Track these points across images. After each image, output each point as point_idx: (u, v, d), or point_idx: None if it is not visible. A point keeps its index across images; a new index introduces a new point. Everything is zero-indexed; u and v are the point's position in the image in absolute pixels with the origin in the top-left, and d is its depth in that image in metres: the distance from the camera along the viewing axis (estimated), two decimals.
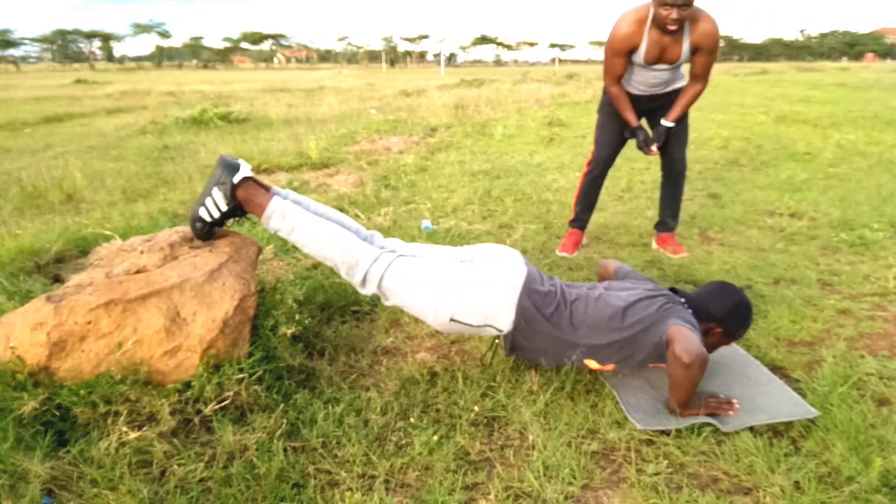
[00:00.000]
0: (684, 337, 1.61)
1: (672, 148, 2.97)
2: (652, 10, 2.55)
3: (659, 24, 2.56)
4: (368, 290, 1.83)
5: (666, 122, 2.85)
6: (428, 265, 1.82)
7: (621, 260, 3.00)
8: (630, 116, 2.84)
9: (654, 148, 2.84)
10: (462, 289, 1.77)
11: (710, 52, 2.66)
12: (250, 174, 1.83)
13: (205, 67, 77.27)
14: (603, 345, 1.77)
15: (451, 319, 1.77)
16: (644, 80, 2.81)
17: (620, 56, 2.70)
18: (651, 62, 2.70)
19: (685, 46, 2.64)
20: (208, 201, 1.81)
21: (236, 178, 1.79)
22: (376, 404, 1.75)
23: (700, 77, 2.76)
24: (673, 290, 1.91)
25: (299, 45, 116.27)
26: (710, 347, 1.85)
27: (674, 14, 2.46)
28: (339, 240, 1.82)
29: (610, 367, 1.82)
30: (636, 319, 1.75)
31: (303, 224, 1.82)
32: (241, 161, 1.83)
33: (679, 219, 3.21)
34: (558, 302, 1.79)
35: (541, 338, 1.79)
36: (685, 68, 2.85)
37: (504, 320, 1.77)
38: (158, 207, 3.86)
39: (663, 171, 3.10)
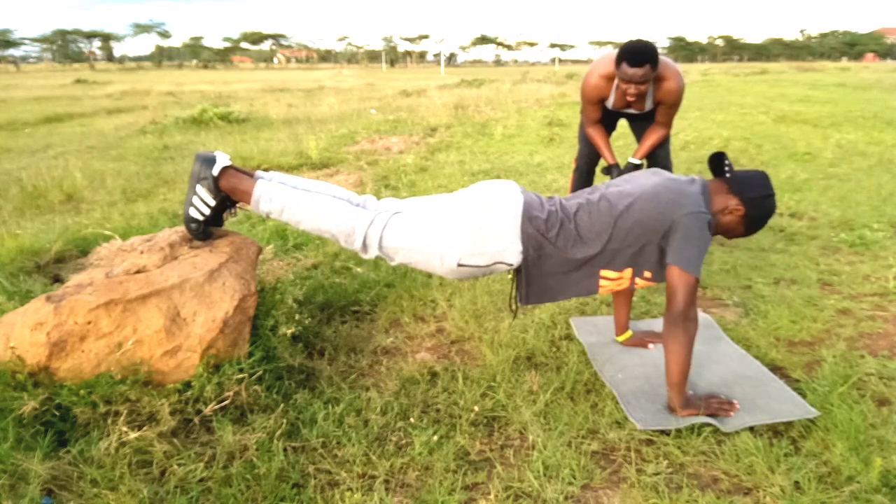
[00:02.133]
0: (686, 288, 1.61)
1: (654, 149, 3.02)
2: None
3: (622, 92, 2.66)
4: (371, 254, 1.78)
5: (633, 160, 2.97)
6: (425, 216, 1.78)
7: None
8: (607, 154, 2.97)
9: None
10: (463, 232, 1.72)
11: (672, 105, 2.80)
12: (229, 163, 1.80)
13: (205, 67, 77.26)
14: (615, 248, 1.71)
15: (459, 265, 1.72)
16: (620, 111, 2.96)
17: (593, 104, 2.87)
18: (620, 108, 2.86)
19: (649, 102, 2.77)
20: (195, 200, 1.79)
21: (215, 170, 1.76)
22: (376, 404, 1.75)
23: (664, 124, 2.90)
24: (721, 155, 1.83)
25: (299, 45, 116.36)
26: (722, 227, 1.79)
27: (632, 90, 2.57)
28: (332, 210, 1.78)
29: (626, 275, 1.75)
30: (641, 216, 1.69)
31: (292, 202, 1.78)
32: (216, 153, 1.80)
33: None
34: (561, 220, 1.73)
35: (552, 263, 1.74)
36: None
37: (512, 254, 1.71)
38: (158, 207, 3.86)
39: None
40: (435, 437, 1.59)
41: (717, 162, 1.83)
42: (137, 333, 1.62)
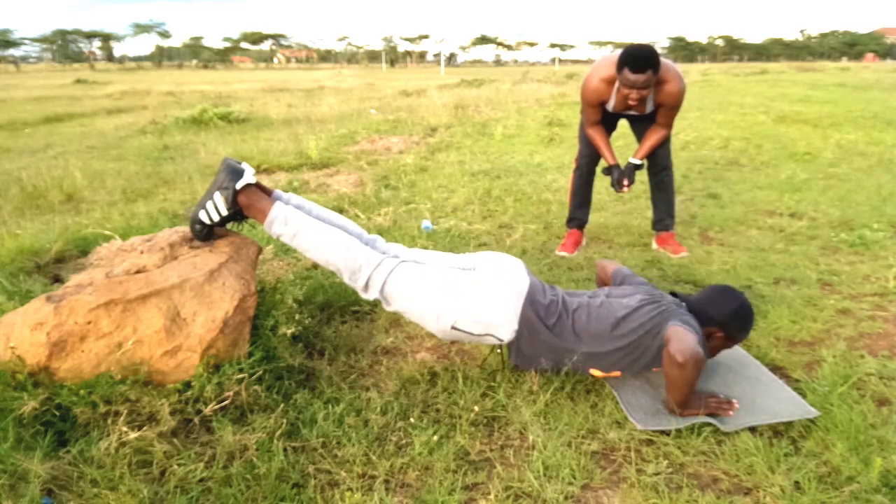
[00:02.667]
0: (679, 336, 1.62)
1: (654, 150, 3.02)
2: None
3: (623, 96, 2.66)
4: (371, 295, 1.83)
5: (633, 160, 2.97)
6: (431, 272, 1.83)
7: (621, 260, 3.00)
8: (607, 155, 2.97)
9: (626, 185, 2.94)
10: (464, 297, 1.77)
11: (672, 107, 2.80)
12: (254, 180, 1.83)
13: (205, 67, 77.27)
14: (606, 352, 1.78)
15: (453, 327, 1.78)
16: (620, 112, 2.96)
17: (593, 107, 2.87)
18: (620, 110, 2.86)
19: (649, 104, 2.76)
20: (209, 205, 1.81)
21: (239, 185, 1.79)
22: (376, 404, 1.75)
23: (665, 126, 2.90)
24: (673, 293, 1.91)
25: (299, 45, 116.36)
26: (713, 351, 1.86)
27: (634, 94, 2.58)
28: (342, 245, 1.82)
29: (616, 373, 1.83)
30: (638, 324, 1.76)
31: (305, 229, 1.82)
32: (245, 166, 1.83)
33: (675, 217, 3.22)
34: (560, 312, 1.80)
35: (543, 346, 1.80)
36: None
37: (505, 330, 1.78)
38: (158, 207, 3.86)
39: (649, 171, 3.13)
40: (435, 437, 1.59)
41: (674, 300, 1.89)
42: (137, 333, 1.62)
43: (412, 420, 1.69)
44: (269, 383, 1.76)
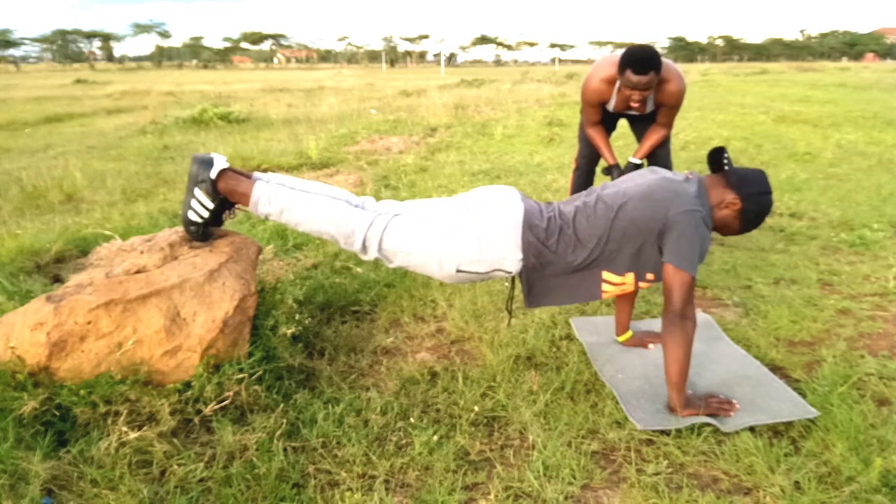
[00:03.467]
0: (684, 286, 1.61)
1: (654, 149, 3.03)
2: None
3: (625, 97, 2.65)
4: (370, 255, 1.79)
5: (634, 160, 2.97)
6: (425, 220, 1.78)
7: None
8: (607, 155, 2.97)
9: None
10: (463, 238, 1.72)
11: (673, 107, 2.79)
12: (227, 165, 1.80)
13: (205, 67, 77.27)
14: (613, 250, 1.71)
15: (458, 270, 1.74)
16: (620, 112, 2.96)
17: (593, 107, 2.86)
18: (621, 110, 2.86)
19: (650, 104, 2.76)
20: (193, 203, 1.79)
21: (213, 173, 1.76)
22: (376, 404, 1.75)
23: (665, 125, 2.89)
24: (720, 150, 1.81)
25: (299, 45, 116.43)
26: (719, 222, 1.78)
27: (636, 96, 2.57)
28: (331, 212, 1.78)
29: (629, 280, 1.75)
30: (637, 215, 1.69)
31: (291, 204, 1.78)
32: (213, 154, 1.79)
33: None
34: (560, 226, 1.74)
35: (553, 269, 1.75)
36: None
37: (511, 262, 1.73)
38: (158, 207, 3.86)
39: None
40: (435, 437, 1.59)
41: (717, 157, 1.82)
42: (137, 333, 1.62)
43: (412, 420, 1.69)
44: (269, 383, 1.75)
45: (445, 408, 1.76)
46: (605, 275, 1.75)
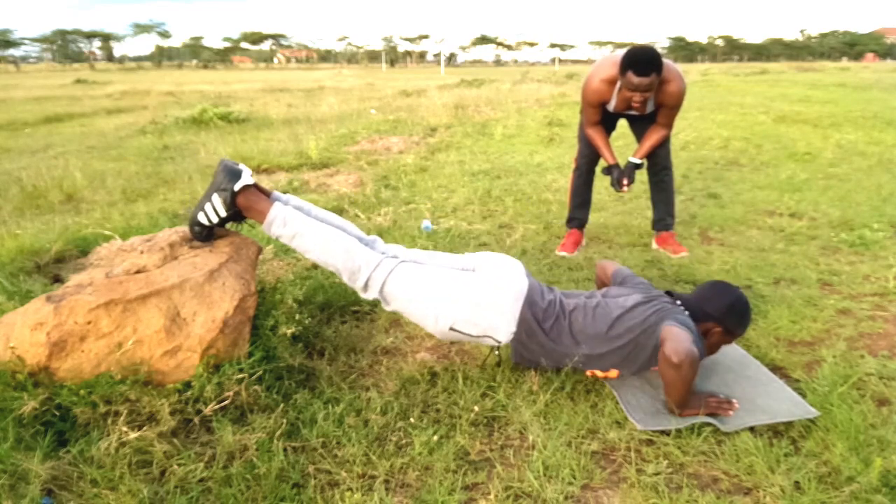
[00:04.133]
0: (674, 336, 1.62)
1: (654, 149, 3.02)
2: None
3: (625, 98, 2.65)
4: (370, 295, 1.84)
5: (633, 160, 2.97)
6: (430, 273, 1.83)
7: (621, 260, 3.00)
8: (607, 155, 2.97)
9: (625, 185, 2.94)
10: (463, 299, 1.78)
11: (673, 107, 2.79)
12: (252, 181, 1.83)
13: (205, 67, 77.28)
14: (603, 353, 1.79)
15: (451, 328, 1.79)
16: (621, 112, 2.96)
17: (593, 107, 2.87)
18: (621, 111, 2.86)
19: (650, 104, 2.76)
20: (208, 206, 1.81)
21: (237, 186, 1.78)
22: (376, 404, 1.75)
23: (665, 125, 2.89)
24: (668, 293, 1.91)
25: (299, 45, 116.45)
26: (713, 348, 1.86)
27: (637, 97, 2.57)
28: (341, 246, 1.82)
29: (614, 373, 1.84)
30: (633, 324, 1.76)
31: (304, 230, 1.82)
32: (242, 167, 1.82)
33: (675, 217, 3.22)
34: (557, 314, 1.80)
35: (540, 349, 1.81)
36: None
37: (503, 332, 1.79)
38: (158, 207, 3.86)
39: (649, 171, 3.14)
40: (435, 437, 1.59)
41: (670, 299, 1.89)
42: (137, 333, 1.62)
43: (412, 420, 1.69)
44: (269, 383, 1.75)
45: (445, 408, 1.76)
46: (592, 371, 1.85)
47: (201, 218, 1.82)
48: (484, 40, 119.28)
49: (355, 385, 1.89)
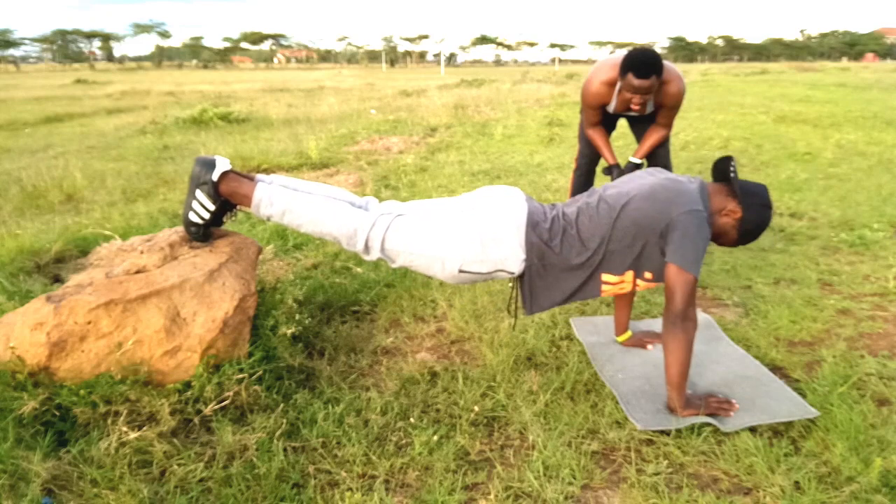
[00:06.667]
0: (688, 289, 1.61)
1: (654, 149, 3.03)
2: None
3: (625, 100, 2.65)
4: (372, 256, 1.79)
5: (634, 159, 2.97)
6: (428, 220, 1.78)
7: None
8: (607, 155, 2.97)
9: None
10: (466, 239, 1.72)
11: (673, 108, 2.79)
12: (229, 167, 1.80)
13: (205, 67, 77.29)
14: (614, 250, 1.71)
15: (461, 270, 1.73)
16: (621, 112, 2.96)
17: (593, 109, 2.86)
18: (621, 111, 2.86)
19: (650, 106, 2.75)
20: (194, 204, 1.79)
21: (215, 175, 1.76)
22: (376, 404, 1.75)
23: (665, 126, 2.89)
24: (728, 159, 1.79)
25: (299, 45, 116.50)
26: (719, 229, 1.77)
27: (637, 99, 2.56)
28: (333, 213, 1.78)
29: (628, 278, 1.75)
30: (636, 207, 1.69)
31: (293, 205, 1.78)
32: (216, 157, 1.79)
33: None
34: (563, 227, 1.74)
35: (555, 271, 1.75)
36: None
37: (514, 262, 1.73)
38: (158, 207, 3.86)
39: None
40: (435, 437, 1.59)
41: (723, 166, 1.81)
42: (137, 333, 1.62)
43: (412, 420, 1.69)
44: (269, 383, 1.75)
45: (445, 408, 1.76)
46: (605, 276, 1.76)
47: (192, 217, 1.81)
48: (484, 40, 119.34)
49: (355, 385, 1.89)
